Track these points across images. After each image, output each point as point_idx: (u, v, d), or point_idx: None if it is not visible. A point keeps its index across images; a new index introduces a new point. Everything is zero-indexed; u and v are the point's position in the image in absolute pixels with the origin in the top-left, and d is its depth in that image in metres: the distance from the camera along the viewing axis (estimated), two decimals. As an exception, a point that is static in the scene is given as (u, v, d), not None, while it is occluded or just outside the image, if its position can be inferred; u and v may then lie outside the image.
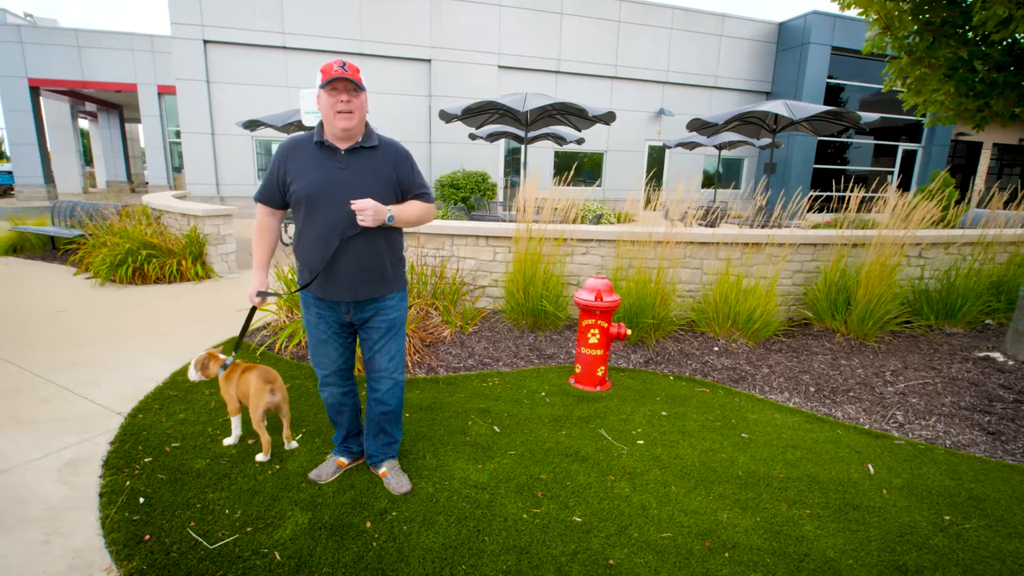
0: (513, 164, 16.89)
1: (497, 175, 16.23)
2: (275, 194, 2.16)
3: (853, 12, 4.39)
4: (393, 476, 2.33)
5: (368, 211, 1.98)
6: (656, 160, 18.37)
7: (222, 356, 2.61)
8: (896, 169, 20.59)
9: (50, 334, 4.30)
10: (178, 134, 20.26)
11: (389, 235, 2.18)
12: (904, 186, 20.80)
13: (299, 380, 3.51)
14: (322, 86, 2.01)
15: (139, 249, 6.15)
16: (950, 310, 4.88)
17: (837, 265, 4.70)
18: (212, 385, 3.33)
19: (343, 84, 1.99)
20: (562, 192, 5.18)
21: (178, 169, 21.02)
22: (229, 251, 6.81)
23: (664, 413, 3.25)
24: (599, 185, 17.65)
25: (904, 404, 3.48)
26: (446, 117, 7.65)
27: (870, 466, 2.75)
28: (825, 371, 3.96)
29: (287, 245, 9.39)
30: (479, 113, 7.56)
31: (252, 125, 9.39)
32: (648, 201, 5.31)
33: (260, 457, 2.52)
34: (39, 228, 7.85)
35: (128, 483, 2.34)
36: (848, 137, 19.62)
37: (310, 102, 3.65)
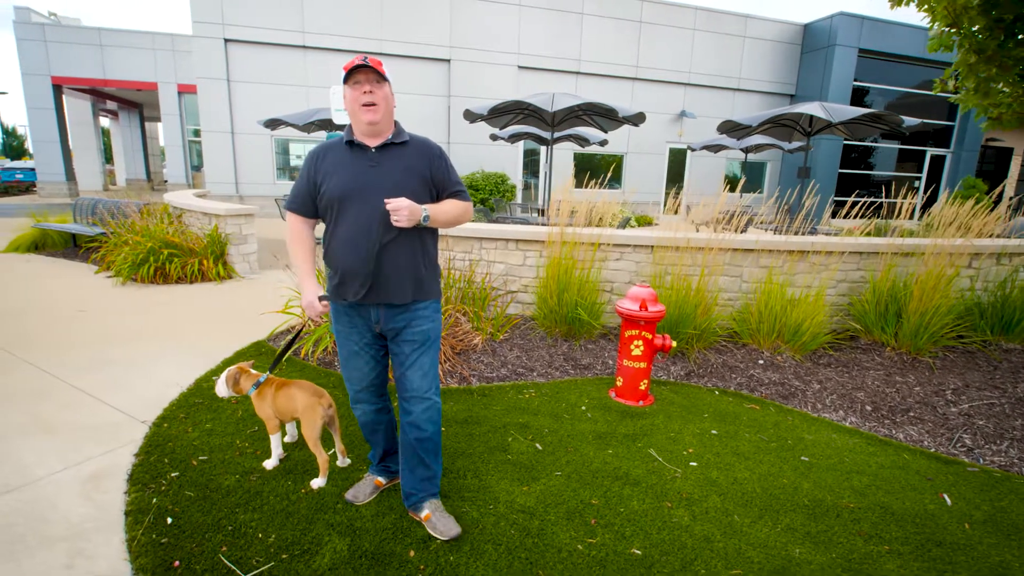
0: (530, 166, 16.72)
1: (516, 176, 16.08)
2: (307, 200, 2.02)
3: (911, 8, 4.15)
4: (439, 519, 2.07)
5: (403, 210, 1.84)
6: (677, 163, 18.09)
7: (254, 372, 2.45)
8: (924, 174, 20.10)
9: (73, 334, 4.21)
10: (197, 133, 20.41)
11: (424, 237, 2.03)
12: (932, 192, 20.31)
13: (329, 389, 3.35)
14: (345, 81, 1.93)
15: (161, 248, 6.07)
16: (1006, 324, 4.61)
17: (887, 275, 4.46)
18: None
19: (364, 75, 1.89)
20: (584, 195, 4.98)
21: (197, 167, 21.16)
22: (251, 251, 6.71)
23: (714, 432, 3.05)
24: (619, 188, 17.43)
25: (971, 426, 3.24)
26: (471, 117, 7.49)
27: (946, 496, 2.53)
28: (880, 388, 3.73)
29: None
30: (504, 113, 7.40)
31: (273, 124, 9.33)
32: (669, 204, 5.13)
33: (317, 483, 2.32)
34: (61, 226, 7.83)
35: (155, 500, 2.19)
36: (873, 141, 19.19)
37: (339, 99, 3.50)
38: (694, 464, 2.70)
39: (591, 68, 16.09)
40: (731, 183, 19.03)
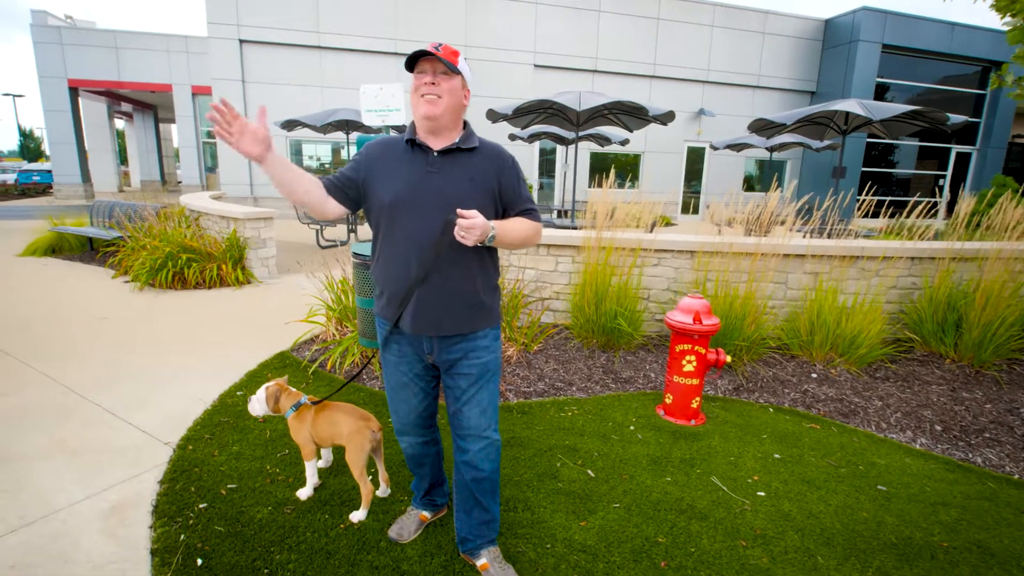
0: (545, 166, 16.49)
1: (532, 177, 15.87)
2: (347, 186, 1.73)
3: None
4: (498, 570, 1.86)
5: (476, 228, 1.56)
6: (695, 162, 17.75)
7: (293, 390, 2.26)
8: (949, 172, 19.58)
9: (92, 344, 4.06)
10: (210, 134, 20.41)
11: (484, 257, 1.78)
12: (956, 190, 19.79)
13: (360, 406, 3.16)
14: (409, 68, 1.66)
15: (179, 253, 5.93)
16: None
17: (946, 281, 4.19)
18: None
19: (430, 63, 1.63)
20: (598, 195, 4.75)
21: (211, 169, 21.17)
22: (269, 255, 6.56)
23: (777, 455, 2.81)
24: (635, 187, 17.15)
25: (1055, 449, 2.98)
26: (494, 117, 7.28)
27: (1048, 533, 2.28)
28: (947, 405, 3.47)
29: (324, 248, 9.16)
30: (528, 112, 7.19)
31: (290, 125, 9.19)
32: (687, 205, 4.88)
33: (357, 515, 2.12)
34: (78, 229, 7.74)
35: (183, 537, 2.01)
36: (895, 139, 18.71)
37: (370, 99, 3.32)
38: (762, 494, 2.47)
39: (608, 66, 15.82)
40: (749, 182, 18.68)
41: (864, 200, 4.72)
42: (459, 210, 1.57)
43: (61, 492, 2.27)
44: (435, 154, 1.70)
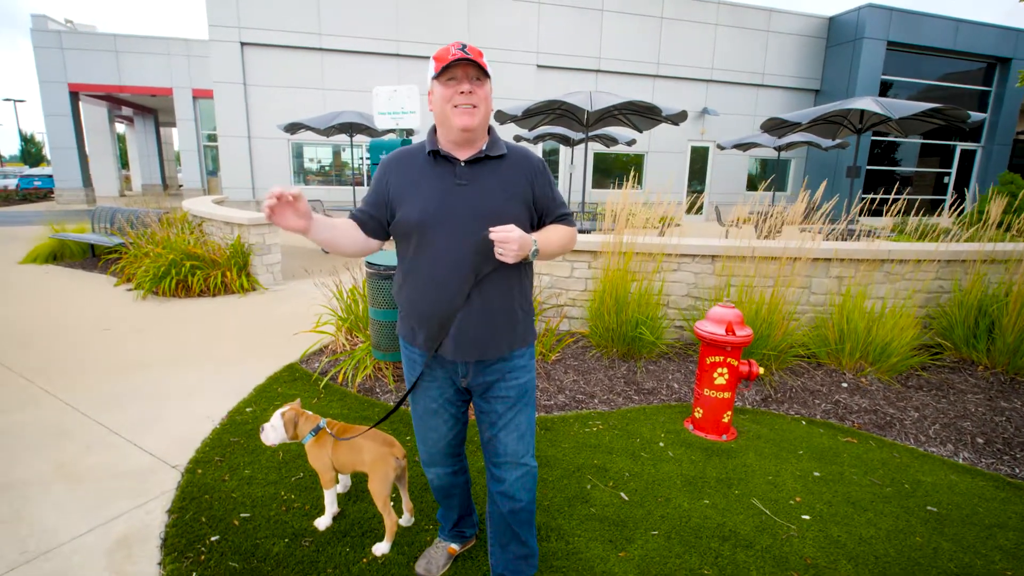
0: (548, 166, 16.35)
1: (535, 178, 15.71)
2: (380, 216, 1.61)
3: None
4: None
5: (513, 243, 1.43)
6: (699, 161, 17.61)
7: (310, 413, 2.12)
8: (954, 170, 19.43)
9: (94, 357, 3.93)
10: (211, 138, 20.32)
11: (522, 273, 1.65)
12: (962, 188, 19.64)
13: (373, 421, 3.02)
14: (436, 76, 1.50)
15: (182, 260, 5.80)
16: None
17: (977, 285, 4.05)
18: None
19: (463, 69, 1.47)
20: (621, 197, 4.61)
21: (212, 172, 21.08)
22: (275, 262, 6.43)
23: (817, 474, 2.67)
24: (639, 188, 17.01)
25: (1107, 464, 2.83)
26: (503, 118, 7.14)
27: (1115, 559, 2.14)
28: (986, 416, 3.33)
29: (327, 252, 9.02)
30: (537, 114, 7.05)
31: (293, 128, 9.07)
32: (691, 204, 4.74)
33: (381, 548, 1.98)
34: (79, 236, 7.61)
35: (195, 575, 1.87)
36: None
37: (384, 101, 3.18)
38: (807, 517, 2.33)
39: (611, 66, 15.69)
40: (752, 181, 18.53)
41: (867, 199, 4.61)
42: (492, 228, 1.45)
43: (63, 524, 2.13)
44: (462, 164, 1.55)
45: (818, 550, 2.12)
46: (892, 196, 4.66)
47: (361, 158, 14.51)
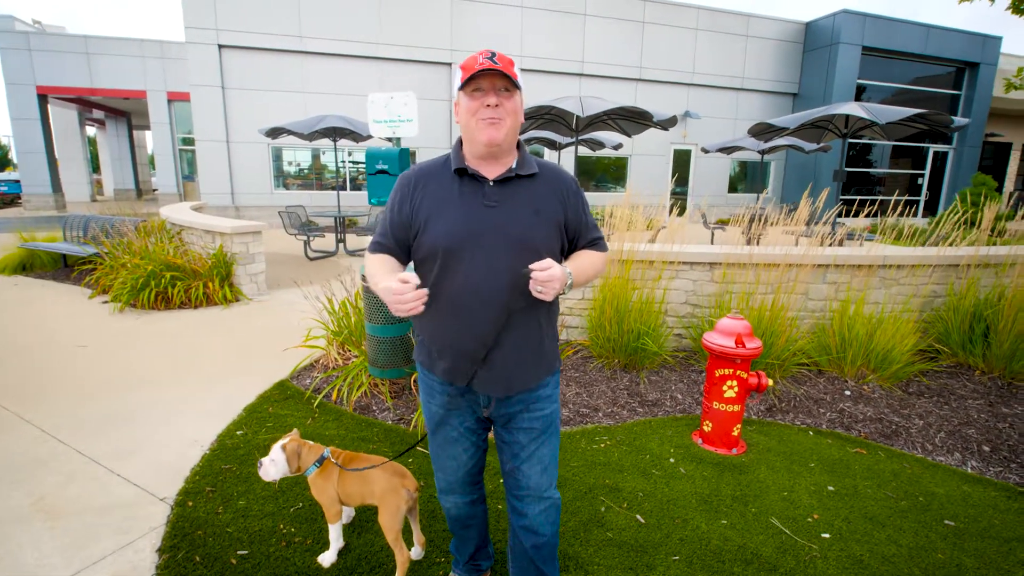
0: (534, 170, 16.29)
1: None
2: (406, 239, 1.50)
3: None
4: None
5: (556, 281, 1.32)
6: (681, 164, 17.75)
7: (310, 442, 1.99)
8: (927, 171, 19.93)
9: (71, 377, 3.72)
10: (187, 141, 19.81)
11: (550, 304, 1.55)
12: (934, 189, 20.18)
13: (375, 444, 2.90)
14: (461, 86, 1.39)
15: (162, 271, 5.57)
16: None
17: (972, 290, 4.08)
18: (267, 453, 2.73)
19: (490, 80, 1.37)
20: (623, 202, 4.55)
21: (188, 177, 20.55)
22: (259, 271, 6.23)
23: (831, 488, 2.63)
24: (622, 190, 17.08)
25: (1111, 470, 2.85)
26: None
27: None
28: (989, 423, 3.33)
29: (313, 259, 8.81)
30: (527, 118, 6.97)
31: (275, 133, 8.84)
32: (675, 207, 4.72)
33: None
34: (51, 245, 7.29)
35: (190, 623, 1.73)
36: (871, 139, 18.97)
37: (380, 109, 3.06)
38: (826, 536, 2.27)
39: (594, 70, 15.73)
40: (733, 184, 18.74)
41: (846, 200, 4.63)
42: (532, 265, 1.33)
43: (42, 568, 1.96)
44: (491, 184, 1.45)
45: (842, 571, 2.07)
46: (870, 198, 4.69)
47: (342, 162, 14.26)
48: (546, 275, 1.31)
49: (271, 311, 5.55)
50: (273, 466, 1.85)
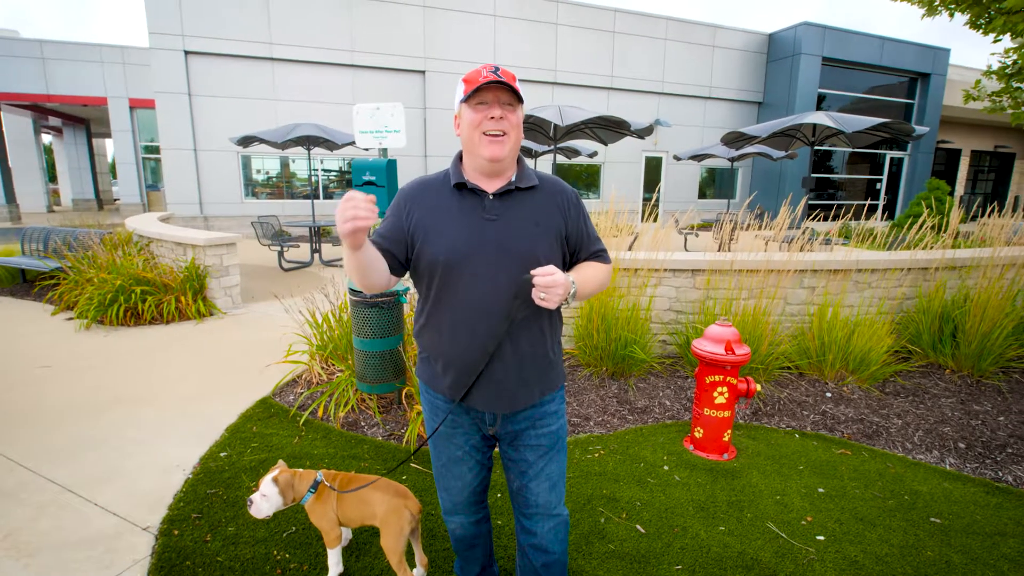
0: (509, 177, 16.34)
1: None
2: (398, 251, 1.46)
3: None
4: None
5: (559, 287, 1.31)
6: (652, 171, 18.09)
7: (301, 471, 1.91)
8: (885, 177, 20.79)
9: (38, 400, 3.52)
10: (151, 149, 19.20)
11: (553, 313, 1.55)
12: (892, 193, 21.06)
13: (365, 461, 2.83)
14: (464, 99, 1.38)
15: (132, 286, 5.36)
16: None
17: (940, 292, 4.25)
18: (259, 476, 2.64)
19: (494, 93, 1.36)
20: (608, 209, 4.61)
21: (152, 186, 19.91)
22: (233, 284, 6.05)
23: (821, 490, 2.68)
24: (596, 197, 17.28)
25: (1077, 462, 2.99)
26: (469, 131, 7.06)
27: (1107, 560, 2.22)
28: (963, 420, 3.46)
29: (287, 270, 8.62)
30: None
31: (247, 141, 8.64)
32: (648, 213, 4.82)
33: None
34: (7, 259, 6.93)
35: (185, 660, 1.65)
36: (832, 146, 19.72)
37: (365, 120, 3.01)
38: (821, 538, 2.32)
39: (567, 78, 15.91)
40: (703, 190, 19.18)
41: (811, 204, 4.80)
42: (535, 270, 1.33)
43: (18, 608, 1.84)
44: (490, 197, 1.43)
45: (840, 574, 2.11)
46: (833, 202, 4.89)
47: (315, 170, 14.03)
48: (548, 280, 1.30)
49: (248, 325, 5.40)
50: (266, 502, 1.76)
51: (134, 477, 2.65)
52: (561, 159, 15.69)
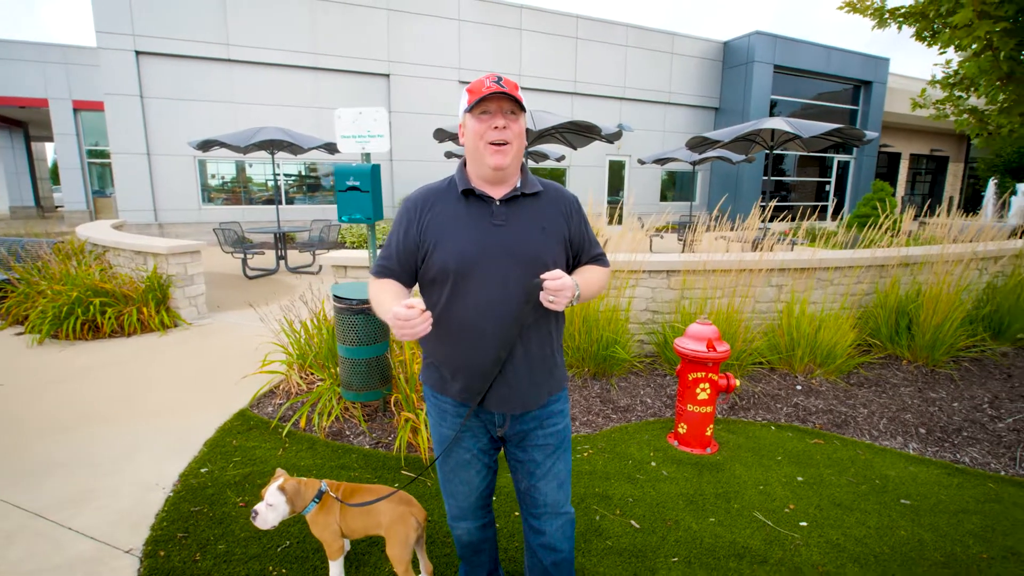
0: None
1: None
2: (412, 264, 1.49)
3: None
4: None
5: (567, 290, 1.36)
6: (616, 174, 18.45)
7: (305, 479, 1.87)
8: (833, 179, 21.85)
9: (-10, 422, 3.31)
10: (94, 153, 18.24)
11: (558, 316, 1.59)
12: (839, 195, 22.16)
13: (355, 471, 2.79)
14: (468, 109, 1.41)
15: (89, 297, 5.09)
16: (996, 328, 4.81)
17: (896, 288, 4.51)
18: (245, 491, 2.57)
19: (497, 103, 1.40)
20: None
21: (99, 192, 18.92)
22: (198, 293, 5.84)
23: (800, 478, 2.81)
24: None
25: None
26: (441, 136, 7.02)
27: (1058, 531, 2.42)
28: (921, 407, 3.69)
29: (252, 278, 8.37)
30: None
31: (207, 145, 8.34)
32: (613, 215, 5.00)
33: None
34: (-56, 272, 6.47)
35: None
36: (784, 149, 20.60)
37: (348, 125, 2.97)
38: (804, 524, 2.43)
39: (532, 83, 16.05)
40: (663, 193, 19.71)
41: (764, 205, 5.06)
42: (544, 274, 1.37)
43: (-5, 642, 1.73)
44: (498, 204, 1.46)
45: (824, 556, 2.21)
46: (786, 204, 5.15)
47: (276, 175, 13.65)
48: (558, 283, 1.35)
49: (215, 335, 5.21)
50: (272, 511, 1.71)
51: (109, 498, 2.53)
52: (530, 163, 15.80)
